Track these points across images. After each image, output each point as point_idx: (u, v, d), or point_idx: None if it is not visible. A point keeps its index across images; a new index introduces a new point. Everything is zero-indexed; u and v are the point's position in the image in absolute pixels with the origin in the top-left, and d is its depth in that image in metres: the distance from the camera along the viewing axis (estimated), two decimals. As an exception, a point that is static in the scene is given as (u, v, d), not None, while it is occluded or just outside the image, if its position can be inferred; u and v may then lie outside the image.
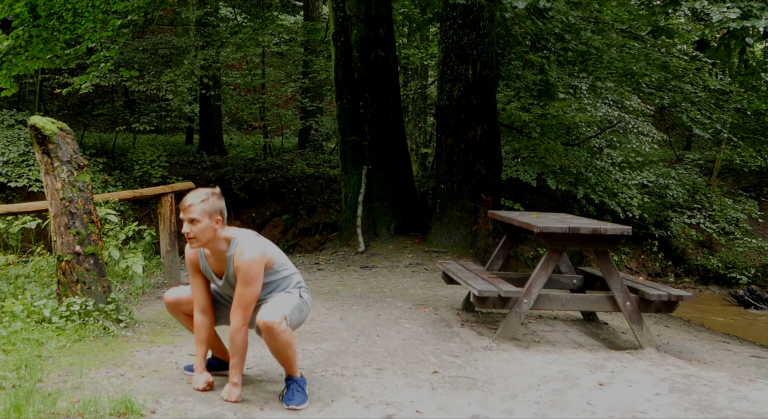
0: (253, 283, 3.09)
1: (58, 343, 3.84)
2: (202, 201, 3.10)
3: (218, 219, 3.13)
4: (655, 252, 12.82)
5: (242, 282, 3.09)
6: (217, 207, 3.13)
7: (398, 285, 6.86)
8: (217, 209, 3.13)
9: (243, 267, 3.08)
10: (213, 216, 3.11)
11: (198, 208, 3.08)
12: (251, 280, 3.09)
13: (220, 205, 3.15)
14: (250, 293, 3.10)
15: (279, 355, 3.16)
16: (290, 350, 3.14)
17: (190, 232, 3.10)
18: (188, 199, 3.12)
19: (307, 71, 16.21)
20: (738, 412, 3.43)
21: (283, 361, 3.18)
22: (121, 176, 12.04)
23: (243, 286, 3.09)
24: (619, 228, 4.62)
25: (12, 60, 8.43)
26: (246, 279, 3.08)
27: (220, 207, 3.15)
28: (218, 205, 3.14)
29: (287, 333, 3.08)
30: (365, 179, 9.60)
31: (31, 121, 4.21)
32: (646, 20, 9.71)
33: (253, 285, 3.10)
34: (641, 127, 13.07)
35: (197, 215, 3.08)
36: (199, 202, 3.09)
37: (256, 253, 3.10)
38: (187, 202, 3.11)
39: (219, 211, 3.14)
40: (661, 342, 5.24)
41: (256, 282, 3.10)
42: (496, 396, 3.46)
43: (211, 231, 3.11)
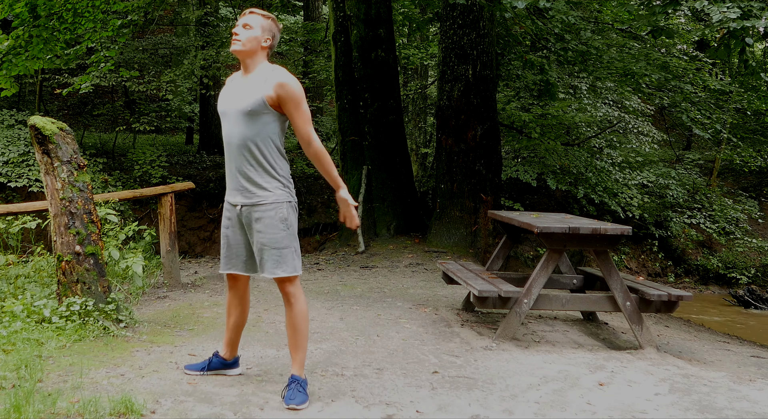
0: (303, 101, 3.12)
1: (58, 343, 3.85)
2: (264, 16, 3.18)
3: (268, 38, 3.17)
4: (655, 252, 12.82)
5: (296, 103, 3.08)
6: (274, 30, 3.20)
7: (398, 285, 6.86)
8: (273, 33, 3.19)
9: (291, 85, 3.07)
10: (265, 33, 3.16)
11: (258, 19, 3.16)
12: (302, 99, 3.11)
13: (276, 32, 3.21)
14: (306, 111, 3.13)
15: (294, 330, 3.21)
16: (305, 324, 3.21)
17: (239, 35, 3.12)
18: (252, 9, 3.19)
19: (307, 71, 16.21)
20: (738, 412, 3.43)
21: (295, 342, 3.22)
22: (121, 176, 12.04)
23: (299, 106, 3.10)
24: (619, 228, 4.62)
25: (12, 60, 8.44)
26: (297, 99, 3.08)
27: (276, 32, 3.21)
28: (275, 29, 3.21)
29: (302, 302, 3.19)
30: (365, 179, 9.61)
31: (31, 121, 4.21)
32: (646, 20, 9.72)
33: (304, 103, 3.13)
34: (641, 127, 13.07)
35: (254, 23, 3.14)
36: (260, 15, 3.17)
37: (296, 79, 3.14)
38: (249, 10, 3.18)
39: (273, 36, 3.19)
40: (661, 342, 5.24)
41: (304, 102, 3.13)
42: (496, 396, 3.46)
43: (257, 43, 3.14)
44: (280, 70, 3.11)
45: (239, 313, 3.48)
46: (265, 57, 3.19)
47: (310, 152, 3.17)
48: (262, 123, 3.10)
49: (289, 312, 3.22)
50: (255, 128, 3.10)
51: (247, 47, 3.12)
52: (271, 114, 3.10)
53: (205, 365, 3.53)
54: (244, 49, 3.12)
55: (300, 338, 3.23)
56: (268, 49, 3.18)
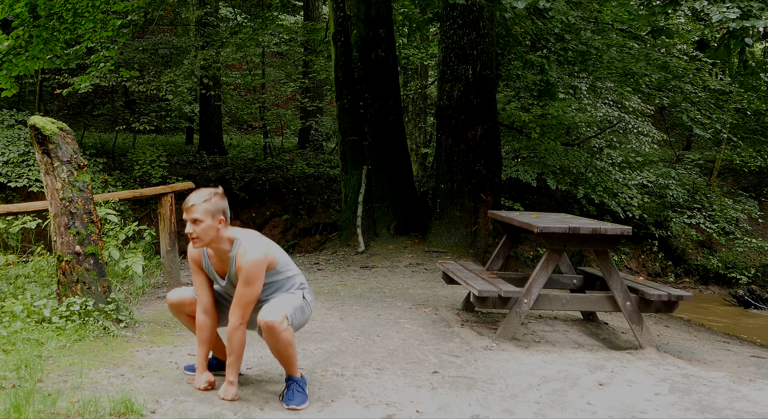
0: (253, 283, 3.09)
1: (58, 343, 3.84)
2: (205, 201, 3.10)
3: (221, 219, 3.12)
4: (655, 252, 12.82)
5: (243, 282, 3.09)
6: (220, 207, 3.13)
7: (398, 285, 6.86)
8: (220, 209, 3.13)
9: (245, 268, 3.08)
10: (216, 216, 3.11)
11: (201, 208, 3.08)
12: (252, 281, 3.09)
13: (223, 204, 3.14)
14: (249, 293, 3.10)
15: (279, 355, 3.16)
16: (291, 349, 3.14)
17: (192, 232, 3.10)
18: (191, 199, 3.11)
19: (307, 71, 16.21)
20: (738, 412, 3.43)
21: (284, 361, 3.18)
22: (121, 176, 12.04)
23: (243, 286, 3.09)
24: (619, 228, 4.62)
25: (12, 60, 8.43)
26: (247, 279, 3.08)
27: (223, 207, 3.15)
28: (221, 205, 3.13)
29: (288, 333, 3.08)
30: (365, 179, 9.60)
31: (31, 121, 4.21)
32: (645, 20, 9.72)
33: (253, 286, 3.10)
34: (641, 127, 13.07)
35: (200, 215, 3.08)
36: (201, 202, 3.09)
37: (258, 254, 3.10)
38: (189, 202, 3.10)
39: (222, 211, 3.13)
40: (661, 342, 5.24)
41: (257, 283, 3.10)
42: (496, 396, 3.46)
43: (214, 230, 3.11)
44: (243, 247, 3.12)
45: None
46: (225, 230, 3.17)
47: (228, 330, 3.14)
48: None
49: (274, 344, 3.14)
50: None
51: (207, 240, 3.13)
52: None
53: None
54: (206, 243, 3.14)
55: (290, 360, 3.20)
56: (225, 223, 3.16)
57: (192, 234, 3.10)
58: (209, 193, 3.14)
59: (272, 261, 3.18)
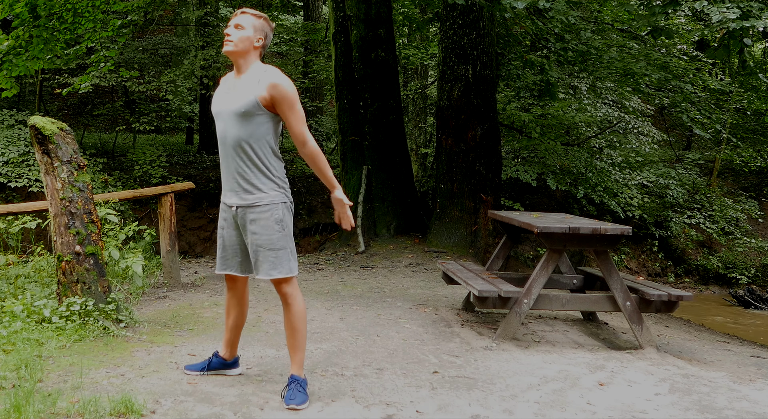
0: (296, 102, 3.09)
1: (58, 343, 3.85)
2: (255, 15, 3.16)
3: (260, 38, 3.16)
4: (655, 252, 12.82)
5: (290, 104, 3.06)
6: (266, 29, 3.19)
7: (398, 285, 6.86)
8: (264, 31, 3.18)
9: (284, 86, 3.05)
10: (257, 32, 3.15)
11: (250, 19, 3.15)
12: (294, 101, 3.08)
13: (268, 30, 3.20)
14: (300, 113, 3.09)
15: (291, 329, 3.20)
16: (303, 324, 3.20)
17: (231, 35, 3.11)
18: (243, 9, 3.18)
19: (307, 71, 16.21)
20: (738, 412, 3.43)
21: (293, 340, 3.22)
22: (121, 176, 12.04)
23: (292, 107, 3.07)
24: (619, 228, 4.62)
25: (12, 60, 8.44)
26: (290, 100, 3.06)
27: (268, 32, 3.20)
28: (267, 28, 3.19)
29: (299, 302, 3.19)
30: (365, 179, 9.60)
31: (31, 121, 4.21)
32: (645, 20, 9.72)
33: (298, 104, 3.10)
34: (641, 127, 13.07)
35: (245, 22, 3.13)
36: (252, 14, 3.16)
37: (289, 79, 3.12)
38: (241, 10, 3.17)
39: (265, 34, 3.18)
40: (661, 342, 5.24)
41: (298, 101, 3.11)
42: (496, 396, 3.46)
43: (249, 43, 3.13)
44: (273, 71, 3.10)
45: (238, 313, 3.48)
46: (257, 57, 3.18)
47: (305, 153, 3.15)
48: (255, 124, 3.09)
49: (287, 313, 3.22)
50: (249, 129, 3.09)
51: (239, 48, 3.11)
52: (265, 115, 3.09)
53: (205, 365, 3.53)
54: (236, 50, 3.11)
55: (299, 338, 3.23)
56: (260, 49, 3.17)
57: (230, 36, 3.11)
58: (262, 14, 3.20)
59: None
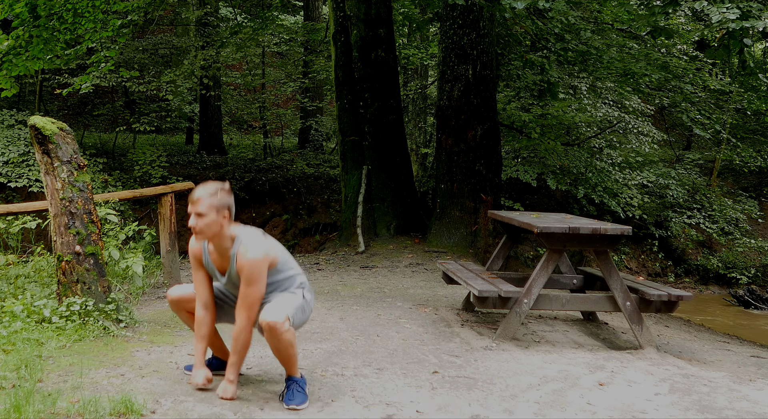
0: (256, 283, 3.09)
1: (58, 343, 3.85)
2: (211, 195, 3.11)
3: (225, 214, 3.13)
4: (655, 252, 12.81)
5: (246, 281, 3.09)
6: (225, 202, 3.13)
7: (398, 285, 6.86)
8: (225, 204, 3.13)
9: (247, 267, 3.07)
10: (220, 211, 3.11)
11: (206, 202, 3.09)
12: (255, 280, 3.08)
13: (228, 200, 3.15)
14: (254, 292, 3.10)
15: (280, 355, 3.15)
16: (292, 350, 3.14)
17: (196, 226, 3.09)
18: (197, 192, 3.12)
19: (307, 71, 16.21)
20: (738, 412, 3.43)
21: (285, 361, 3.18)
22: (121, 176, 12.04)
23: (247, 286, 3.09)
24: (619, 228, 4.62)
25: (12, 60, 8.43)
26: (250, 278, 3.08)
27: (228, 203, 3.15)
28: (226, 201, 3.14)
29: (290, 334, 3.08)
30: (365, 179, 9.60)
31: (31, 121, 4.21)
32: (645, 20, 9.72)
33: (257, 285, 3.09)
34: (641, 127, 13.07)
35: (205, 209, 3.08)
36: (207, 196, 3.10)
37: (259, 253, 3.09)
38: (195, 195, 3.11)
39: (227, 207, 3.14)
40: (661, 342, 5.24)
41: (260, 282, 3.10)
42: (496, 396, 3.46)
43: (218, 226, 3.11)
44: (245, 244, 3.11)
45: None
46: (228, 227, 3.16)
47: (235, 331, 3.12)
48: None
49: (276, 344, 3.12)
50: None
51: (210, 234, 3.13)
52: None
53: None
54: (208, 237, 3.14)
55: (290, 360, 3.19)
56: (228, 219, 3.16)
57: (195, 227, 3.10)
58: (216, 187, 3.14)
59: (273, 261, 3.17)
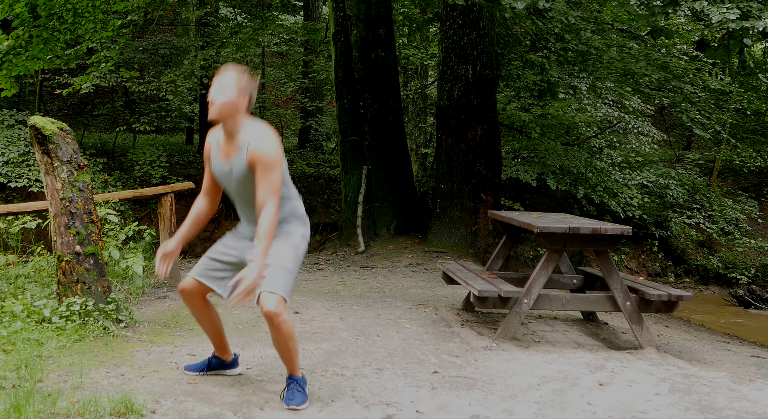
0: (276, 166, 3.00)
1: (58, 343, 3.85)
2: (239, 73, 3.10)
3: (246, 98, 3.11)
4: (655, 252, 12.82)
5: (266, 169, 2.99)
6: (250, 87, 3.13)
7: (398, 285, 6.86)
8: (249, 89, 3.12)
9: (262, 150, 3.00)
10: (242, 93, 3.09)
11: (233, 79, 3.08)
12: (274, 165, 3.00)
13: (252, 87, 3.14)
14: (276, 177, 3.00)
15: (279, 347, 3.12)
16: (291, 342, 3.09)
17: (215, 98, 3.07)
18: (226, 68, 3.12)
19: (307, 71, 16.21)
20: (738, 412, 3.43)
21: (284, 355, 3.15)
22: (121, 176, 12.04)
23: (267, 172, 2.99)
24: (619, 228, 4.62)
25: (12, 60, 8.44)
26: (268, 165, 2.99)
27: (252, 89, 3.14)
28: (251, 86, 3.13)
29: (287, 325, 3.03)
30: (365, 179, 9.60)
31: (31, 121, 4.21)
32: (645, 20, 9.72)
33: (277, 169, 3.00)
34: (641, 127, 13.07)
35: (229, 83, 3.07)
36: (235, 73, 3.10)
37: (274, 141, 3.05)
38: (223, 69, 3.11)
39: (249, 93, 3.12)
40: (661, 342, 5.25)
41: (279, 166, 3.02)
42: (496, 396, 3.46)
43: (235, 106, 3.07)
44: (258, 133, 3.05)
45: (208, 321, 3.38)
46: (244, 116, 3.12)
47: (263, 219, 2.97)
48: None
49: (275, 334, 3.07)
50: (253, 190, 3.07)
51: (225, 113, 3.07)
52: None
53: (204, 365, 3.53)
54: (223, 114, 3.08)
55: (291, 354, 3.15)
56: (248, 105, 3.13)
57: (214, 100, 3.07)
58: (244, 70, 3.14)
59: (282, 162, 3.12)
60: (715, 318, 9.47)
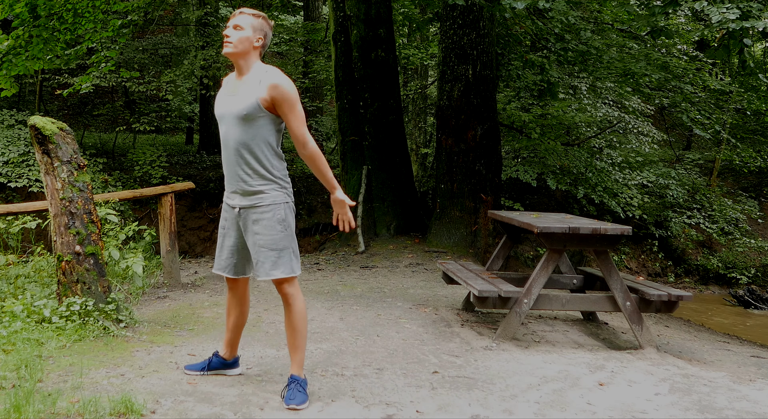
0: (297, 102, 3.09)
1: (58, 343, 3.85)
2: (254, 15, 3.16)
3: (260, 37, 3.15)
4: (655, 252, 12.82)
5: (290, 104, 3.06)
6: (266, 29, 3.18)
7: (398, 285, 6.86)
8: (264, 30, 3.17)
9: (284, 86, 3.05)
10: (257, 32, 3.14)
11: (248, 19, 3.14)
12: (295, 102, 3.08)
13: (267, 29, 3.19)
14: (300, 113, 3.09)
15: (293, 330, 3.20)
16: (303, 324, 3.21)
17: (230, 36, 3.11)
18: (242, 9, 3.17)
19: (307, 71, 16.21)
20: (738, 412, 3.43)
21: (294, 339, 3.22)
22: (121, 176, 12.04)
23: (293, 107, 3.07)
24: (619, 228, 4.62)
25: (12, 60, 8.44)
26: (291, 100, 3.06)
27: (267, 31, 3.19)
28: (266, 28, 3.19)
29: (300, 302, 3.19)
30: (365, 179, 9.60)
31: (31, 121, 4.21)
32: (645, 20, 9.72)
33: (299, 105, 3.10)
34: (641, 127, 13.07)
35: (244, 23, 3.13)
36: (250, 14, 3.15)
37: (289, 80, 3.11)
38: (239, 10, 3.16)
39: (264, 33, 3.18)
40: (661, 342, 5.25)
41: (299, 102, 3.11)
42: (496, 396, 3.46)
43: (249, 43, 3.12)
44: (273, 72, 3.10)
45: (239, 314, 3.49)
46: (258, 57, 3.18)
47: (304, 154, 3.15)
48: (258, 126, 3.09)
49: (288, 313, 3.22)
50: (251, 131, 3.10)
51: (239, 49, 3.11)
52: (267, 116, 3.10)
53: (205, 365, 3.53)
54: (236, 51, 3.11)
55: (299, 338, 3.23)
56: (260, 49, 3.18)
57: (229, 37, 3.11)
58: (260, 13, 3.19)
59: None
60: (715, 318, 9.47)
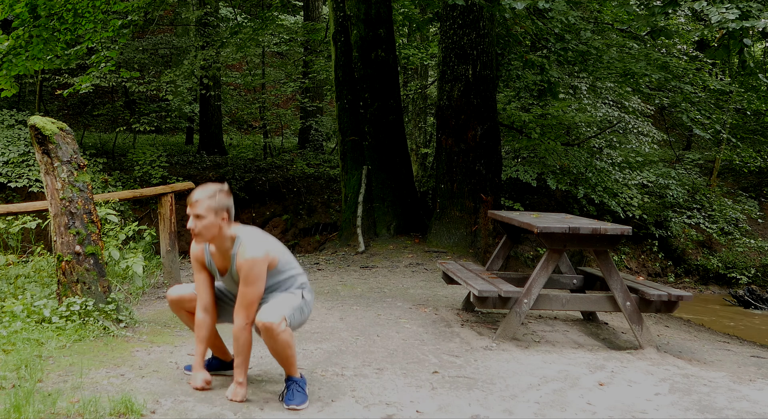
0: (254, 283, 3.08)
1: (58, 343, 3.84)
2: (209, 197, 3.09)
3: (224, 216, 3.11)
4: (655, 252, 12.82)
5: (245, 281, 3.08)
6: (224, 204, 3.12)
7: (398, 285, 6.86)
8: (224, 206, 3.12)
9: (245, 266, 3.06)
10: (219, 213, 3.10)
11: (204, 204, 3.08)
12: (254, 279, 3.07)
13: (227, 202, 3.14)
14: (252, 292, 3.09)
15: (278, 356, 3.15)
16: (290, 351, 3.13)
17: (195, 228, 3.09)
18: (195, 194, 3.11)
19: (307, 71, 16.21)
20: (738, 412, 3.43)
21: (283, 362, 3.18)
22: (121, 176, 12.04)
23: (245, 285, 3.08)
24: (619, 228, 4.62)
25: (12, 60, 8.43)
26: (248, 278, 3.07)
27: (227, 204, 3.14)
28: (225, 203, 3.13)
29: (286, 334, 3.07)
30: (365, 179, 9.60)
31: (31, 121, 4.21)
32: (645, 20, 9.72)
33: (255, 285, 3.08)
34: (641, 127, 13.06)
35: (203, 211, 3.07)
36: (206, 198, 3.09)
37: (259, 252, 3.09)
38: (194, 197, 3.10)
39: (226, 209, 3.13)
40: (661, 342, 5.24)
41: (259, 282, 3.09)
42: (496, 396, 3.46)
43: (217, 228, 3.10)
44: (244, 244, 3.11)
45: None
46: (228, 226, 3.15)
47: (237, 331, 3.10)
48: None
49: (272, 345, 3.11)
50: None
51: (208, 236, 3.13)
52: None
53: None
54: (206, 239, 3.15)
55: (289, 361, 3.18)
56: (227, 221, 3.15)
57: (194, 229, 3.09)
58: (214, 189, 3.13)
59: (273, 261, 3.17)
60: (715, 318, 9.47)
